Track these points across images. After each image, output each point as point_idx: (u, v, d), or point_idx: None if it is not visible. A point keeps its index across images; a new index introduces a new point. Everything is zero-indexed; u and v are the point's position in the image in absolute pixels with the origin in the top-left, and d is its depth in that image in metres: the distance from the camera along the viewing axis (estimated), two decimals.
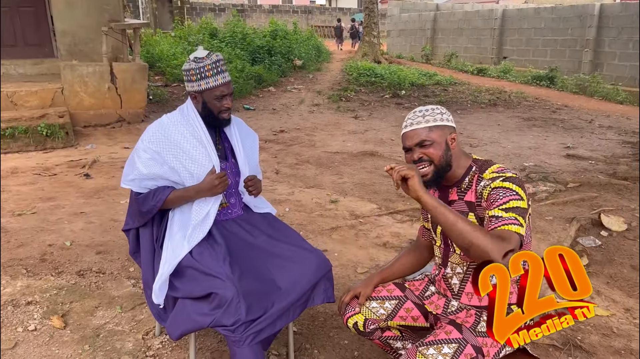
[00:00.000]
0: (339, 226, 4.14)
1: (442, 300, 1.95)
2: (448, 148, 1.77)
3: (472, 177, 1.80)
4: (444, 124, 1.78)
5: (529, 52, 14.76)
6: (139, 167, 2.25)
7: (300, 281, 2.16)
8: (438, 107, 1.82)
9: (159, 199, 2.26)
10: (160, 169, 2.23)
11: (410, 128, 1.79)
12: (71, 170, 5.64)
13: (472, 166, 1.81)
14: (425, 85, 12.12)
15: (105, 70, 7.41)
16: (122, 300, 2.94)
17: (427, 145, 1.75)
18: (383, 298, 2.04)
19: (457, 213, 1.58)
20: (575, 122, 8.65)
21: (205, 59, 2.20)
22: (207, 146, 2.26)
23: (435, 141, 1.75)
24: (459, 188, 1.82)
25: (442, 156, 1.76)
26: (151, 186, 2.29)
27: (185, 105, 2.34)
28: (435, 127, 1.77)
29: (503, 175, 1.70)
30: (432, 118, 1.77)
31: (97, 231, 3.95)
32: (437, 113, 1.80)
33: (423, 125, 1.77)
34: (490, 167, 1.78)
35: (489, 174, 1.75)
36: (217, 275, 2.03)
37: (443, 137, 1.77)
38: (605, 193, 4.90)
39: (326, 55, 16.94)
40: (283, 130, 7.80)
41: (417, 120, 1.78)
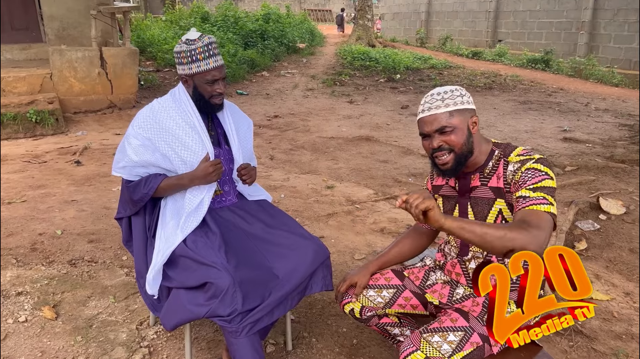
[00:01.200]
0: (335, 213, 4.08)
1: (446, 288, 1.88)
2: (470, 133, 1.65)
3: (497, 161, 1.69)
4: (465, 107, 1.65)
5: (524, 34, 14.65)
6: (130, 154, 2.17)
7: (298, 269, 2.10)
8: (458, 89, 1.68)
9: (150, 187, 2.18)
10: (152, 156, 2.16)
11: (428, 113, 1.66)
12: (62, 157, 5.53)
13: (494, 150, 1.71)
14: (420, 69, 12.01)
15: (94, 55, 7.25)
16: (115, 290, 2.88)
17: (447, 131, 1.63)
18: (380, 287, 1.98)
19: (482, 222, 1.45)
20: (571, 105, 8.60)
21: (197, 41, 2.12)
22: (200, 132, 2.18)
23: (456, 127, 1.63)
24: (482, 174, 1.72)
25: (464, 143, 1.64)
26: (143, 173, 2.22)
27: (176, 89, 2.26)
28: (456, 111, 1.63)
29: (532, 157, 1.61)
30: (452, 102, 1.64)
31: (88, 220, 3.87)
32: (457, 95, 1.66)
33: (443, 110, 1.63)
34: (515, 149, 1.68)
35: (515, 157, 1.65)
36: (212, 264, 1.97)
37: (464, 122, 1.64)
38: (603, 177, 4.87)
39: (320, 39, 16.76)
40: (277, 115, 7.70)
41: (436, 103, 1.65)
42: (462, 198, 1.77)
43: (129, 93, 7.70)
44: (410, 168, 5.25)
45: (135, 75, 7.71)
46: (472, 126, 1.67)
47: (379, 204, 4.30)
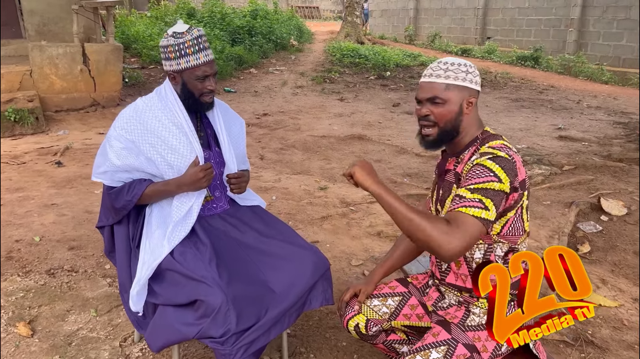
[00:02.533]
0: (329, 215, 3.91)
1: (436, 293, 1.78)
2: (461, 112, 1.58)
3: (472, 148, 1.61)
4: (465, 85, 1.57)
5: (513, 32, 14.59)
6: (111, 157, 1.99)
7: (296, 283, 1.94)
8: (467, 64, 1.59)
9: (134, 194, 2.00)
10: (136, 160, 1.98)
11: (427, 79, 1.60)
12: (41, 158, 5.29)
13: (478, 137, 1.62)
14: (410, 66, 11.89)
15: (76, 51, 6.99)
16: (97, 302, 2.69)
17: (438, 103, 1.57)
18: (385, 295, 1.86)
19: (404, 202, 1.43)
20: (563, 103, 8.52)
21: (186, 34, 1.94)
22: (188, 134, 2.00)
23: (448, 101, 1.56)
24: (457, 158, 1.64)
25: (450, 120, 1.57)
26: (125, 179, 2.03)
27: (162, 86, 2.08)
28: (454, 85, 1.56)
29: (494, 153, 1.50)
30: (454, 75, 1.56)
31: (69, 225, 3.66)
32: (462, 70, 1.57)
33: (441, 80, 1.57)
34: (492, 141, 1.57)
35: (484, 148, 1.55)
36: (203, 279, 1.79)
37: (459, 100, 1.57)
38: (601, 176, 4.76)
39: (308, 36, 16.55)
40: (266, 114, 7.51)
41: (438, 72, 1.58)
42: (439, 180, 1.72)
43: (113, 91, 7.45)
44: (404, 167, 5.10)
45: (119, 72, 7.46)
46: (467, 106, 1.58)
47: (374, 206, 4.14)
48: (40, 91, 6.84)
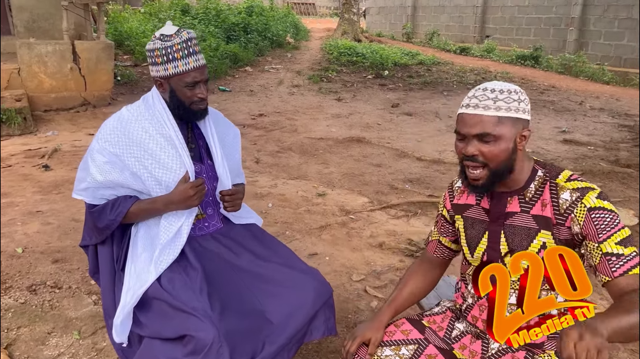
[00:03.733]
0: (328, 224, 3.74)
1: (477, 343, 1.51)
2: (515, 149, 1.34)
3: (541, 184, 1.38)
4: (519, 117, 1.33)
5: (513, 30, 14.43)
6: (93, 172, 1.81)
7: (296, 313, 1.76)
8: (517, 90, 1.35)
9: (118, 213, 1.82)
10: (120, 175, 1.79)
11: (473, 111, 1.33)
12: (28, 161, 5.09)
13: (537, 169, 1.40)
14: (408, 65, 11.70)
15: (66, 48, 6.77)
16: (80, 323, 2.50)
17: (489, 141, 1.32)
18: (398, 343, 1.58)
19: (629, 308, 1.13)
20: (565, 104, 8.37)
21: (174, 36, 1.75)
22: (178, 146, 1.82)
23: (501, 138, 1.31)
24: (522, 198, 1.41)
25: (505, 160, 1.34)
26: (109, 196, 1.85)
27: (149, 94, 1.89)
28: (507, 118, 1.31)
29: (590, 187, 1.32)
30: (506, 106, 1.32)
31: (54, 234, 3.47)
32: (514, 99, 1.33)
33: (492, 113, 1.31)
34: (562, 172, 1.38)
35: (566, 183, 1.34)
36: (192, 312, 1.61)
37: (513, 134, 1.32)
38: (609, 182, 4.61)
39: (304, 33, 16.32)
40: (262, 114, 7.32)
41: (486, 102, 1.32)
42: (494, 225, 1.44)
43: (104, 90, 7.23)
44: (405, 172, 4.93)
45: (110, 71, 7.25)
46: (520, 140, 1.34)
47: (375, 214, 3.97)
48: (29, 90, 6.63)
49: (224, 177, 1.93)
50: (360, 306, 2.75)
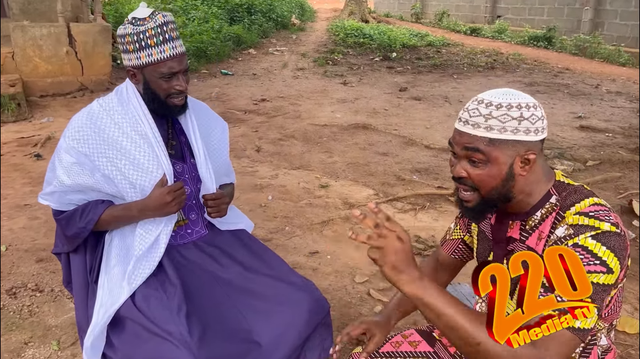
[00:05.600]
0: (331, 219, 3.52)
1: None
2: (511, 176, 1.10)
3: (547, 213, 1.14)
4: (518, 139, 1.07)
5: (525, 10, 13.97)
6: (60, 175, 1.61)
7: (288, 333, 1.56)
8: (521, 104, 1.08)
9: (88, 220, 1.62)
10: (90, 178, 1.59)
11: (463, 127, 1.11)
12: (21, 149, 4.90)
13: (551, 195, 1.15)
14: (417, 46, 11.35)
15: (61, 31, 6.53)
16: (60, 332, 2.32)
17: (477, 163, 1.10)
18: (405, 355, 1.41)
19: (454, 301, 1.02)
20: (580, 87, 8.03)
21: (147, 20, 1.53)
22: (154, 145, 1.60)
23: (492, 162, 1.09)
24: (524, 224, 1.18)
25: (496, 187, 1.12)
26: (78, 201, 1.65)
27: (123, 86, 1.68)
28: (500, 141, 1.07)
29: (597, 226, 1.03)
30: (500, 125, 1.07)
31: (41, 230, 3.29)
32: (513, 117, 1.07)
33: (481, 133, 1.08)
34: (581, 202, 1.10)
35: (573, 217, 1.07)
36: (168, 337, 1.42)
37: (509, 158, 1.09)
38: (629, 173, 4.35)
39: (310, 14, 15.96)
40: (265, 99, 7.07)
41: (476, 118, 1.09)
42: (497, 248, 1.26)
43: (102, 74, 7.01)
44: (413, 162, 4.69)
45: (108, 54, 7.01)
46: (521, 166, 1.09)
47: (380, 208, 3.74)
48: (24, 75, 6.42)
49: (207, 179, 1.71)
50: (363, 312, 2.55)
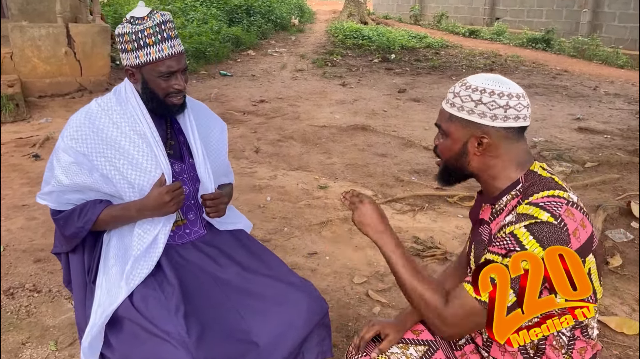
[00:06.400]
0: (329, 220, 3.52)
1: (476, 356, 1.38)
2: (464, 152, 1.23)
3: (511, 198, 1.22)
4: (472, 120, 1.19)
5: (523, 12, 14.00)
6: (58, 174, 1.60)
7: (286, 334, 1.55)
8: (488, 90, 1.18)
9: (86, 220, 1.62)
10: (88, 178, 1.58)
11: (442, 102, 1.29)
12: (19, 150, 4.89)
13: (519, 182, 1.22)
14: (416, 48, 11.37)
15: (60, 32, 6.53)
16: (58, 332, 2.31)
17: (441, 134, 1.28)
18: (407, 342, 1.46)
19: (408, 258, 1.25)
20: (579, 89, 8.05)
21: (146, 19, 1.53)
22: (153, 144, 1.60)
23: (449, 136, 1.25)
24: (493, 207, 1.27)
25: (450, 159, 1.28)
26: (76, 200, 1.64)
27: (121, 85, 1.68)
28: (457, 118, 1.22)
29: (534, 215, 1.10)
30: (460, 104, 1.20)
31: (39, 231, 3.28)
32: (473, 99, 1.18)
33: (447, 108, 1.25)
34: (540, 192, 1.16)
35: (524, 206, 1.14)
36: (166, 337, 1.41)
37: (462, 136, 1.22)
38: (628, 174, 4.36)
39: (309, 16, 15.98)
40: (264, 100, 7.07)
41: (449, 95, 1.25)
42: (474, 227, 1.39)
43: (101, 75, 7.01)
44: (412, 163, 4.69)
45: (107, 55, 7.01)
46: (476, 146, 1.20)
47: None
48: (22, 75, 6.42)
49: (205, 179, 1.71)
50: (362, 313, 2.55)
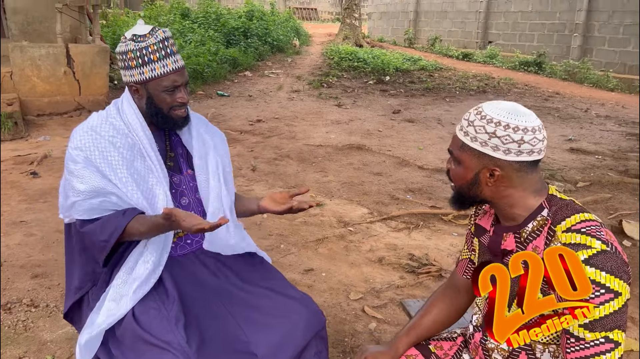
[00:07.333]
0: (325, 237, 3.56)
1: None
2: (477, 182, 1.21)
3: (540, 226, 1.18)
4: (483, 152, 1.16)
5: (516, 36, 14.28)
6: (74, 184, 1.60)
7: (284, 345, 1.58)
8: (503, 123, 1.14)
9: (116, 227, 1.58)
10: (102, 180, 1.60)
11: (456, 129, 1.26)
12: (17, 167, 4.91)
13: (543, 208, 1.19)
14: (410, 70, 11.55)
15: (60, 52, 6.62)
16: (55, 346, 2.32)
17: (453, 160, 1.26)
18: None
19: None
20: (570, 111, 8.18)
21: (148, 36, 1.58)
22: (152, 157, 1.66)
23: (462, 164, 1.23)
24: (518, 236, 1.23)
25: (464, 187, 1.25)
26: (99, 204, 1.59)
27: (120, 99, 1.72)
28: (469, 147, 1.19)
29: (588, 244, 1.06)
30: (473, 134, 1.17)
31: (36, 246, 3.30)
32: (488, 132, 1.15)
33: (460, 135, 1.22)
34: (571, 216, 1.14)
35: (563, 232, 1.12)
36: (166, 347, 1.44)
37: (474, 166, 1.20)
38: (619, 194, 4.43)
39: (305, 38, 16.21)
40: (260, 120, 7.15)
41: (462, 122, 1.22)
42: (495, 260, 1.29)
43: (99, 94, 7.07)
44: (407, 182, 4.75)
45: (105, 75, 7.09)
46: (488, 177, 1.19)
47: (374, 226, 3.79)
48: (21, 94, 6.47)
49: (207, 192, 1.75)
50: (358, 329, 2.57)
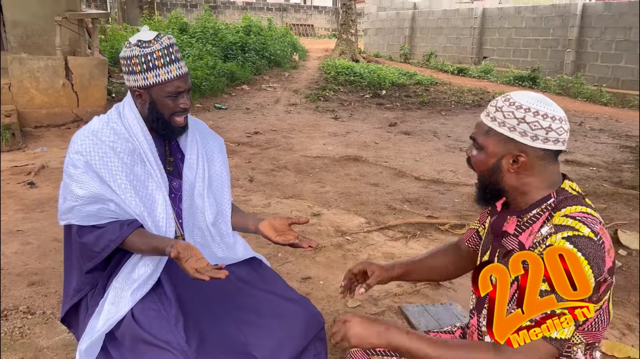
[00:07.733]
0: (323, 246, 3.56)
1: None
2: (498, 169, 1.22)
3: (542, 212, 1.22)
4: (510, 137, 1.18)
5: (510, 52, 14.45)
6: (73, 189, 1.63)
7: (283, 347, 1.59)
8: (531, 108, 1.16)
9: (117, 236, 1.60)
10: (101, 186, 1.62)
11: (481, 114, 1.27)
12: (14, 178, 4.91)
13: (550, 197, 1.22)
14: (406, 84, 11.65)
15: (59, 64, 6.66)
16: (51, 353, 2.31)
17: (475, 147, 1.26)
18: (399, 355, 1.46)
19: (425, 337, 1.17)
20: None
21: (153, 42, 1.61)
22: (152, 161, 1.68)
23: (485, 150, 1.23)
24: (520, 219, 1.26)
25: (486, 174, 1.26)
26: (97, 211, 1.62)
27: (121, 104, 1.75)
28: (495, 132, 1.20)
29: (575, 228, 1.10)
30: (501, 119, 1.19)
31: (33, 255, 3.29)
32: (517, 117, 1.16)
33: (486, 121, 1.23)
34: (572, 206, 1.18)
35: (559, 218, 1.15)
36: (166, 346, 1.44)
37: (498, 152, 1.20)
38: (614, 204, 4.46)
39: (302, 53, 16.35)
40: (258, 132, 7.19)
41: (490, 109, 1.23)
42: (495, 240, 1.35)
43: (97, 106, 7.10)
44: (404, 192, 4.77)
45: (103, 87, 7.13)
46: (510, 163, 1.20)
47: (372, 235, 3.80)
48: (20, 106, 6.50)
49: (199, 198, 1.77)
50: None
